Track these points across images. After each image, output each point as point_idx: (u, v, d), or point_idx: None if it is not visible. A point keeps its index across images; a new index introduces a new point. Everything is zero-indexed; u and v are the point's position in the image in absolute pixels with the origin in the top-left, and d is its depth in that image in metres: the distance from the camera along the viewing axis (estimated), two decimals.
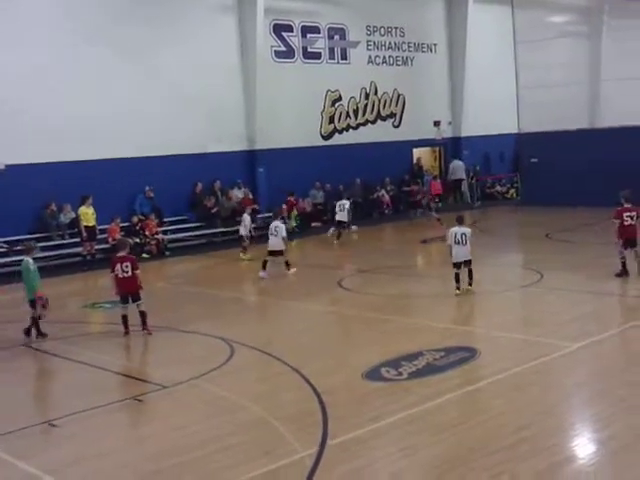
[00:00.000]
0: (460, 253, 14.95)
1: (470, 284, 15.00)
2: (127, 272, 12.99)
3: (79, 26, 22.42)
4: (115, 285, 13.16)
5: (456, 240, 14.95)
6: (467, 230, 15.15)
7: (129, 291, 13.04)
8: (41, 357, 12.36)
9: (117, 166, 22.95)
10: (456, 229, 15.10)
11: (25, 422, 9.21)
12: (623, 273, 15.34)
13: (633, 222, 15.22)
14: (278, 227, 18.41)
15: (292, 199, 26.51)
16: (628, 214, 15.24)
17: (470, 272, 15.03)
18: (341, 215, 23.12)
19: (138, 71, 23.65)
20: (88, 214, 21.39)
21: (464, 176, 32.94)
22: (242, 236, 21.27)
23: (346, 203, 23.28)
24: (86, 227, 21.32)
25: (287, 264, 18.45)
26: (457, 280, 14.99)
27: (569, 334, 11.74)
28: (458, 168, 32.81)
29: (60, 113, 21.69)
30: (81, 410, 9.56)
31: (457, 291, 14.98)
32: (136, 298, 13.05)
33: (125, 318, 13.04)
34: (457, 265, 15.05)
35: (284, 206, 25.39)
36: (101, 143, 22.62)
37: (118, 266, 13.01)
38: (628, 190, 15.61)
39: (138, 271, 13.14)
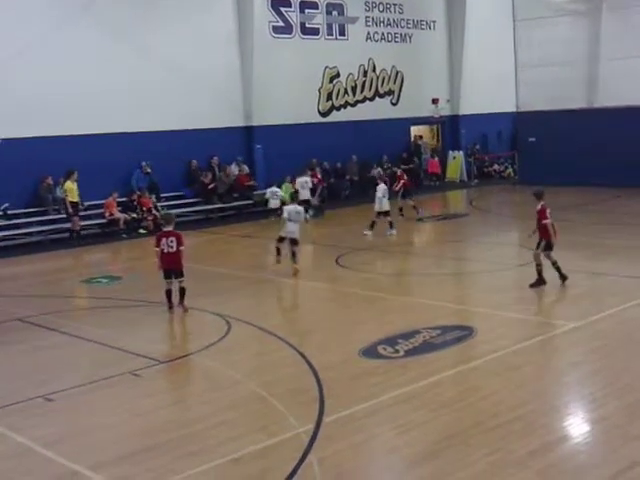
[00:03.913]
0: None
1: None
2: (172, 247, 12.80)
3: (76, 2, 22.28)
4: (159, 260, 12.97)
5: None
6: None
7: (172, 267, 12.84)
8: (38, 331, 12.35)
9: (114, 141, 22.81)
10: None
11: (21, 396, 9.23)
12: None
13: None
14: None
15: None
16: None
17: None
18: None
19: (135, 47, 23.41)
20: (73, 190, 21.27)
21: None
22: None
23: None
24: (71, 203, 21.23)
25: None
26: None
27: (565, 313, 11.81)
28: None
29: (58, 88, 21.46)
30: (78, 384, 9.59)
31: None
32: (178, 274, 12.87)
33: (169, 293, 12.92)
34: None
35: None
36: (98, 118, 22.45)
37: (164, 240, 12.84)
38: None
39: (183, 247, 12.92)
